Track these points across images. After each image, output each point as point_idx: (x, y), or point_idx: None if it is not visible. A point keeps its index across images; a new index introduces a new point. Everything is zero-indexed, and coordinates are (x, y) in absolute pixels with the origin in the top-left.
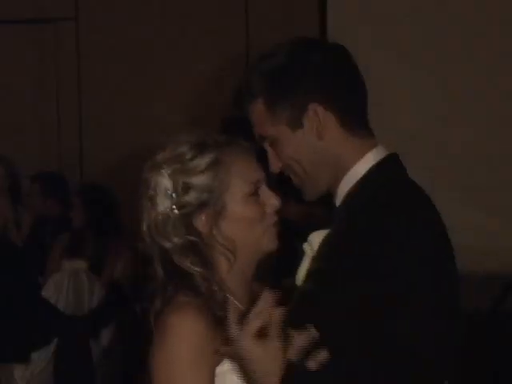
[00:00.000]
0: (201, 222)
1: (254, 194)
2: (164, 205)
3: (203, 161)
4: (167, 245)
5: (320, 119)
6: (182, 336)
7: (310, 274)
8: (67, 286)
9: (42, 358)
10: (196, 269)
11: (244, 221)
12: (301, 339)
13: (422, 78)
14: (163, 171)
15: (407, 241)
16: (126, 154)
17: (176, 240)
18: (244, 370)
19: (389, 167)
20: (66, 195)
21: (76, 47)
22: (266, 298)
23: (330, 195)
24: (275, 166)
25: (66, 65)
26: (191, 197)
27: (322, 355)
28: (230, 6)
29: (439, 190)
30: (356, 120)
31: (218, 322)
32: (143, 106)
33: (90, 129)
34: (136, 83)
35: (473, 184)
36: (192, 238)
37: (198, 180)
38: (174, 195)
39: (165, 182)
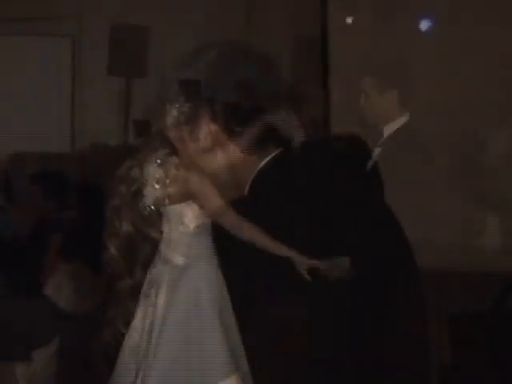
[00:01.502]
0: None
1: None
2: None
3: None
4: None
5: (212, 134)
6: None
7: None
8: (67, 285)
9: (43, 356)
10: None
11: None
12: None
13: (422, 79)
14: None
15: None
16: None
17: None
18: None
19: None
20: (66, 195)
21: (76, 47)
22: None
23: None
24: None
25: (65, 65)
26: None
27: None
28: (230, 3)
29: (439, 190)
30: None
31: None
32: (142, 105)
33: (90, 129)
34: (135, 83)
35: (473, 184)
36: None
37: None
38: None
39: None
